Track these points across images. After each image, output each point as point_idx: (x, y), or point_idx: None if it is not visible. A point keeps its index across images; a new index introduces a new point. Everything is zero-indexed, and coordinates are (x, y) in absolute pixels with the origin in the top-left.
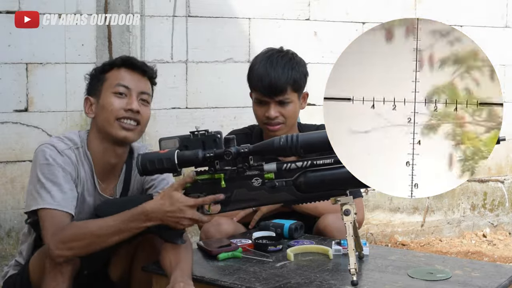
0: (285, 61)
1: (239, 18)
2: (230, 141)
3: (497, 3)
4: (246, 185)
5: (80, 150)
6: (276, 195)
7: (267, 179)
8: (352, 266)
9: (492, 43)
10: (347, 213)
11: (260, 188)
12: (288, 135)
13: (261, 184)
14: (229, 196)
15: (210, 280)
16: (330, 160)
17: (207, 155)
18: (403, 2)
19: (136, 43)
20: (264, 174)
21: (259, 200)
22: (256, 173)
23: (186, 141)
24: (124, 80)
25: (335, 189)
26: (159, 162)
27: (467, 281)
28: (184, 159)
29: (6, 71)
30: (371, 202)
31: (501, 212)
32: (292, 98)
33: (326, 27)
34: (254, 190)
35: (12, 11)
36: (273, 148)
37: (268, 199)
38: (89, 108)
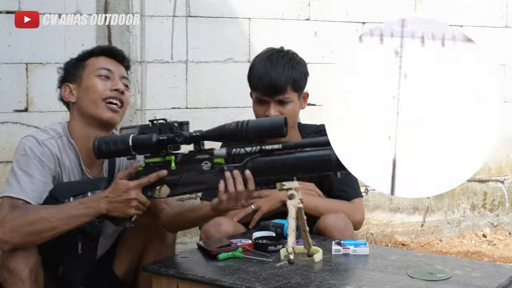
0: (285, 61)
1: (239, 18)
2: (184, 125)
3: (497, 3)
4: (195, 169)
5: (64, 138)
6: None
7: (216, 164)
8: (290, 245)
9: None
10: (292, 197)
11: (209, 172)
12: (239, 121)
13: (210, 168)
14: (178, 178)
15: (210, 280)
16: (279, 145)
17: (160, 138)
18: (403, 2)
19: (136, 43)
20: (214, 158)
21: (208, 183)
22: (206, 157)
23: (144, 129)
24: (107, 65)
25: (283, 174)
26: (115, 144)
27: (467, 281)
28: (139, 141)
29: (6, 71)
30: (371, 202)
31: (501, 212)
32: (292, 97)
33: (326, 27)
34: (203, 173)
35: (12, 11)
36: (224, 133)
37: (217, 183)
38: (68, 94)
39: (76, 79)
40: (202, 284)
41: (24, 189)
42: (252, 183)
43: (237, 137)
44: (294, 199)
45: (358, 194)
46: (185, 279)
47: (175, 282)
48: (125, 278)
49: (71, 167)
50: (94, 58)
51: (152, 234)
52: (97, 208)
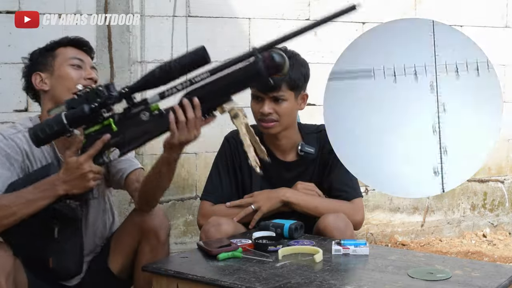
0: None
1: (239, 18)
2: (110, 86)
3: (497, 3)
4: (135, 122)
5: None
6: (166, 119)
7: (153, 110)
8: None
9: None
10: (236, 116)
11: (150, 121)
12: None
13: (149, 116)
14: (123, 137)
15: (210, 280)
16: (207, 74)
17: (92, 106)
18: (403, 2)
19: (136, 43)
20: (150, 106)
21: (152, 132)
22: (142, 108)
23: (71, 103)
24: (78, 55)
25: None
26: (50, 128)
27: (467, 281)
28: (73, 117)
29: (6, 71)
30: (371, 202)
31: (501, 212)
32: (287, 96)
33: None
34: (145, 124)
35: (12, 11)
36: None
37: (160, 127)
38: (40, 82)
39: (47, 68)
40: (202, 284)
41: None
42: (199, 109)
43: (164, 80)
44: (239, 118)
45: (358, 194)
46: (185, 279)
47: (175, 282)
48: (120, 274)
49: (44, 157)
50: (63, 48)
51: (145, 230)
52: (53, 191)
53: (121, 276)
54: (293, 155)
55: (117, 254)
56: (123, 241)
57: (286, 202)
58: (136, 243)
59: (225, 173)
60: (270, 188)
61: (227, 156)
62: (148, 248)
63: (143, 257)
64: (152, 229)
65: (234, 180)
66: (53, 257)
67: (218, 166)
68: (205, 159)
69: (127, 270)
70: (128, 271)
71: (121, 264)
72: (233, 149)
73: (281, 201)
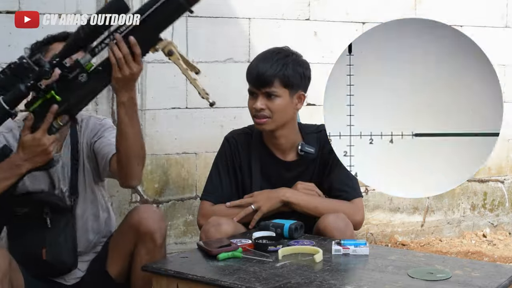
0: (279, 57)
1: (239, 18)
2: (40, 61)
3: (497, 3)
4: (76, 86)
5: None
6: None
7: (89, 69)
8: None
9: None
10: (171, 53)
11: (89, 80)
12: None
13: (87, 76)
14: (69, 103)
15: (210, 280)
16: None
17: (28, 84)
18: (403, 2)
19: None
20: (85, 67)
21: (95, 89)
22: (78, 71)
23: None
24: None
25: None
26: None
27: (467, 281)
28: (11, 100)
29: None
30: (371, 202)
31: (501, 212)
32: (280, 92)
33: (326, 27)
34: (85, 85)
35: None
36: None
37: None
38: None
39: None
40: (202, 284)
41: None
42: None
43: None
44: (174, 54)
45: (358, 194)
46: (185, 279)
47: (175, 282)
48: (118, 278)
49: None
50: (58, 43)
51: (141, 232)
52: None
53: (119, 279)
54: (293, 155)
55: (114, 256)
56: (120, 244)
57: (286, 202)
58: (133, 245)
59: (225, 173)
60: (270, 188)
61: (227, 156)
62: (144, 251)
63: (139, 260)
64: (148, 232)
65: (234, 180)
66: (47, 247)
67: (218, 166)
68: (205, 159)
69: (125, 273)
70: (126, 274)
71: (119, 266)
72: (233, 149)
73: (281, 201)
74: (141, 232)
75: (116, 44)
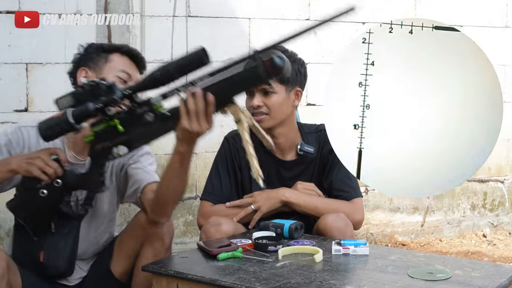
0: None
1: (239, 18)
2: (112, 86)
3: (497, 3)
4: (141, 123)
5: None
6: (171, 123)
7: (158, 111)
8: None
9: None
10: (239, 121)
11: (155, 121)
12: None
13: (154, 117)
14: (129, 137)
15: (210, 280)
16: (207, 75)
17: (97, 106)
18: (403, 2)
19: (136, 43)
20: (154, 107)
21: (158, 131)
22: (147, 109)
23: (78, 95)
24: (129, 69)
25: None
26: (58, 125)
27: (467, 281)
28: (79, 116)
29: (6, 71)
30: (371, 202)
31: (501, 212)
32: (276, 89)
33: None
34: (150, 124)
35: (12, 11)
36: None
37: (166, 128)
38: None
39: (95, 68)
40: (202, 284)
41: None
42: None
43: (165, 81)
44: (242, 122)
45: (358, 194)
46: (185, 279)
47: (175, 282)
48: (122, 278)
49: None
50: (119, 55)
51: (149, 234)
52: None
53: (122, 279)
54: (293, 154)
55: (119, 256)
56: (126, 243)
57: (286, 202)
58: (139, 245)
59: (225, 173)
60: (269, 188)
61: (227, 156)
62: (151, 252)
63: (145, 260)
64: (157, 233)
65: (234, 180)
66: (45, 251)
67: (218, 166)
68: (205, 159)
69: (128, 273)
70: (129, 273)
71: (123, 266)
72: (233, 149)
73: (281, 201)
74: (149, 233)
75: (193, 96)
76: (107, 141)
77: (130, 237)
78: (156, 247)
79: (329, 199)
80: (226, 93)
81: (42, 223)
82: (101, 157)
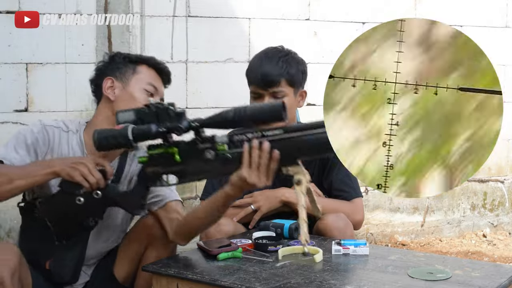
0: (281, 55)
1: (239, 18)
2: (182, 114)
3: (497, 3)
4: (199, 158)
5: (71, 134)
6: (230, 167)
7: (219, 151)
8: (303, 237)
9: (492, 43)
10: (299, 183)
11: (214, 160)
12: (237, 107)
13: (214, 156)
14: (183, 169)
15: (210, 280)
16: (280, 130)
17: (160, 130)
18: (403, 2)
19: (136, 43)
20: (216, 146)
21: (213, 172)
22: (209, 146)
23: (141, 113)
24: (156, 82)
25: (285, 159)
26: (114, 138)
27: (467, 281)
28: (139, 134)
29: (6, 71)
30: (371, 202)
31: (501, 212)
32: (286, 91)
33: (326, 27)
34: (208, 162)
35: (12, 11)
36: (223, 120)
37: (222, 171)
38: (109, 88)
39: (122, 78)
40: (202, 284)
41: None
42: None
43: (237, 123)
44: (301, 185)
45: (358, 194)
46: (185, 279)
47: (175, 282)
48: (124, 282)
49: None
50: (146, 67)
51: (154, 236)
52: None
53: (125, 283)
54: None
55: (123, 259)
56: (130, 246)
57: (286, 202)
58: (143, 248)
59: None
60: (269, 188)
61: None
62: (155, 254)
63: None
64: (161, 236)
65: None
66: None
67: None
68: None
69: (131, 277)
70: (132, 277)
71: (126, 271)
72: None
73: (280, 201)
74: (153, 236)
75: (259, 148)
76: (159, 167)
77: (134, 241)
78: (159, 250)
79: (329, 199)
80: (295, 153)
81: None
82: (149, 180)
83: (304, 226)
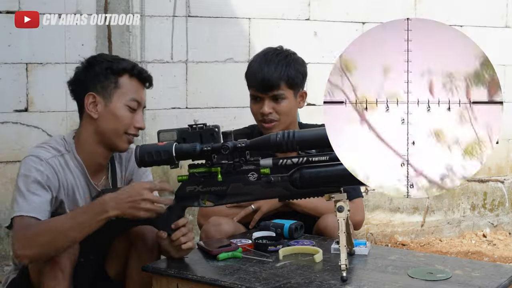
0: (280, 58)
1: (239, 18)
2: (228, 135)
3: (497, 3)
4: (242, 180)
5: (66, 156)
6: (271, 190)
7: (263, 174)
8: (342, 262)
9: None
10: (341, 210)
11: (256, 183)
12: (285, 131)
13: (257, 179)
14: (225, 189)
15: (210, 280)
16: (326, 157)
17: (204, 148)
18: (403, 2)
19: (136, 43)
20: (260, 169)
21: (255, 194)
22: (252, 168)
23: (184, 133)
24: (138, 95)
25: (329, 186)
26: (157, 154)
27: (467, 281)
28: (182, 151)
29: (6, 71)
30: (371, 202)
31: (501, 212)
32: (286, 94)
33: (326, 27)
34: (250, 184)
35: (12, 11)
36: (269, 144)
37: (263, 194)
38: (92, 105)
39: (104, 94)
40: (202, 284)
41: (33, 207)
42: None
43: (282, 148)
44: (343, 212)
45: (359, 194)
46: (185, 279)
47: (175, 282)
48: (116, 278)
49: (75, 183)
50: (128, 79)
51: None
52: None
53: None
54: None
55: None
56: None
57: (286, 202)
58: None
59: None
60: None
61: None
62: (135, 253)
63: (132, 261)
64: (139, 234)
65: None
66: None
67: None
68: None
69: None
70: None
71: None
72: None
73: None
74: (133, 235)
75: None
76: (200, 186)
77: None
78: (138, 247)
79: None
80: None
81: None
82: (187, 200)
83: (344, 251)
